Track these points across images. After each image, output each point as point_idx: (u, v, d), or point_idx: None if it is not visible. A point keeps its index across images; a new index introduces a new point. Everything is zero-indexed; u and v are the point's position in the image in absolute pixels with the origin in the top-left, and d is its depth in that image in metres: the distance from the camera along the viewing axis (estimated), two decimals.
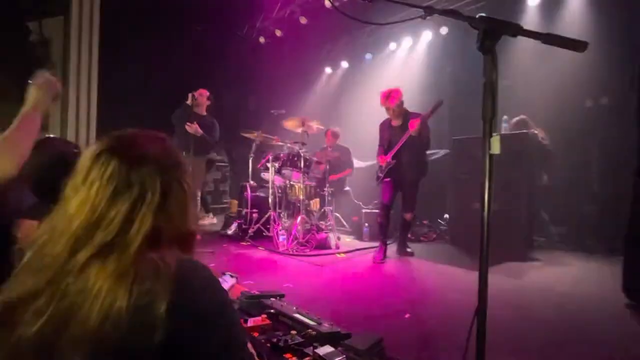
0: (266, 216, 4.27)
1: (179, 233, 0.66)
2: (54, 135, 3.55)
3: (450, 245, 4.07)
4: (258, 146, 4.64)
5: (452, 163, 4.13)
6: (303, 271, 3.07)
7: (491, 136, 0.84)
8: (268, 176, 4.31)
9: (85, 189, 0.61)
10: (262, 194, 4.57)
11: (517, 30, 0.87)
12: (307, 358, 1.22)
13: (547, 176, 4.05)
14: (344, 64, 7.06)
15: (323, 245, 3.85)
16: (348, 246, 4.04)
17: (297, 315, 1.50)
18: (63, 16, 3.83)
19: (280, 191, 4.41)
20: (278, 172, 4.27)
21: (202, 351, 0.58)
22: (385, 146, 3.55)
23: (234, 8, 5.62)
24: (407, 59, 6.10)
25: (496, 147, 0.84)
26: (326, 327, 1.41)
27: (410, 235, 3.73)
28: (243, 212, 4.50)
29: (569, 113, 4.14)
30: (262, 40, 6.44)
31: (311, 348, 1.27)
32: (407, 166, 3.40)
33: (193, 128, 4.01)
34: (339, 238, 4.20)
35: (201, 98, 4.24)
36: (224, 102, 5.02)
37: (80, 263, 0.56)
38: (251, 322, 1.46)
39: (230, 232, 4.40)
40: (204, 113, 4.34)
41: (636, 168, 2.17)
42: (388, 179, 3.46)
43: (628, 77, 2.41)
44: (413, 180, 3.47)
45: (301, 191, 4.06)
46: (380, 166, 3.54)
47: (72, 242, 0.58)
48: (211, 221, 5.22)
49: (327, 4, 4.89)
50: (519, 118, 4.00)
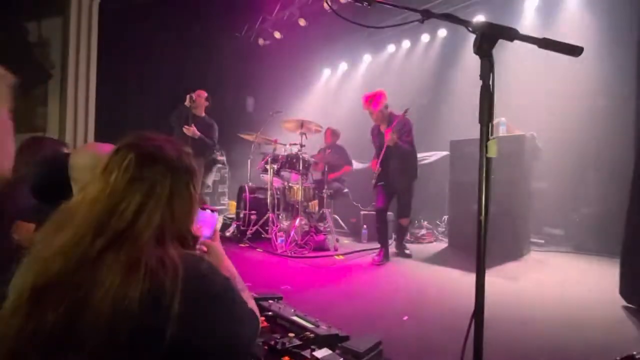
0: (265, 218, 4.27)
1: (181, 234, 0.69)
2: (50, 136, 3.54)
3: (448, 246, 4.07)
4: (256, 148, 4.64)
5: (450, 165, 4.15)
6: (301, 273, 3.06)
7: (488, 140, 0.85)
8: (266, 178, 4.31)
9: (104, 178, 0.66)
10: (261, 196, 4.57)
11: (514, 34, 0.88)
12: None
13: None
14: (343, 66, 7.09)
15: (321, 247, 3.85)
16: (346, 248, 4.03)
17: (295, 317, 1.50)
18: (61, 17, 3.84)
19: (278, 193, 4.41)
20: (277, 174, 4.27)
21: (210, 340, 0.62)
22: (377, 151, 3.58)
23: (233, 10, 5.64)
24: (406, 61, 6.12)
25: (493, 151, 0.84)
26: (324, 330, 1.41)
27: (408, 236, 3.73)
28: (241, 214, 4.50)
29: (567, 114, 4.16)
30: (261, 41, 6.46)
31: (309, 351, 1.27)
32: (395, 172, 3.41)
33: (191, 131, 4.00)
34: (338, 240, 4.19)
35: (199, 99, 4.23)
36: (223, 104, 5.02)
37: (95, 251, 0.59)
38: None
39: (228, 234, 4.40)
40: (203, 114, 4.32)
41: (634, 169, 2.18)
42: (381, 184, 3.48)
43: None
44: (404, 186, 3.47)
45: (300, 193, 4.06)
46: (373, 172, 3.57)
47: (93, 229, 0.61)
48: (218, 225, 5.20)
49: (326, 7, 4.90)
50: (497, 120, 3.91)
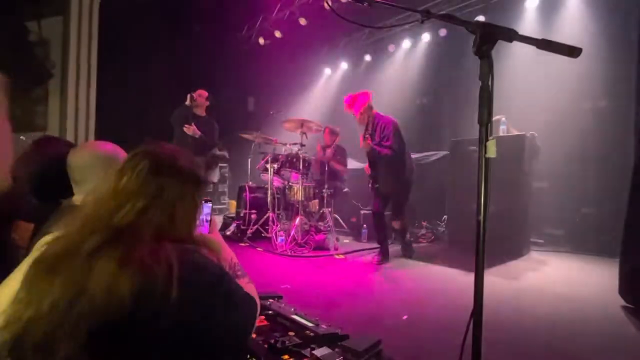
0: (265, 217, 4.27)
1: (181, 238, 0.72)
2: (52, 135, 3.55)
3: (448, 246, 4.08)
4: (257, 147, 4.64)
5: (451, 164, 4.15)
6: (301, 272, 3.07)
7: (487, 140, 0.85)
8: (267, 177, 4.32)
9: (116, 179, 0.70)
10: (261, 195, 4.57)
11: (513, 35, 0.88)
12: (305, 359, 1.23)
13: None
14: (344, 65, 7.08)
15: (321, 246, 3.86)
16: (346, 247, 4.04)
17: (295, 316, 1.50)
18: (62, 16, 3.84)
19: (279, 192, 4.41)
20: (277, 173, 4.28)
21: (207, 328, 0.65)
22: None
23: (234, 9, 5.64)
24: (406, 61, 6.12)
25: (492, 151, 0.84)
26: (324, 329, 1.41)
27: (408, 236, 3.71)
28: (242, 213, 4.51)
29: (568, 114, 4.16)
30: (262, 41, 6.45)
31: (309, 349, 1.27)
32: (383, 177, 3.36)
33: (191, 130, 4.01)
34: (338, 239, 4.20)
35: (200, 99, 4.23)
36: (223, 103, 5.01)
37: (95, 243, 0.62)
38: None
39: (228, 233, 4.40)
40: (203, 114, 4.33)
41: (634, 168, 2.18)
42: (376, 187, 3.45)
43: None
44: (393, 190, 3.39)
45: (300, 192, 4.07)
46: (367, 175, 3.56)
47: (96, 223, 0.65)
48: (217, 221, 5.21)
49: (326, 6, 4.90)
50: (497, 117, 3.88)
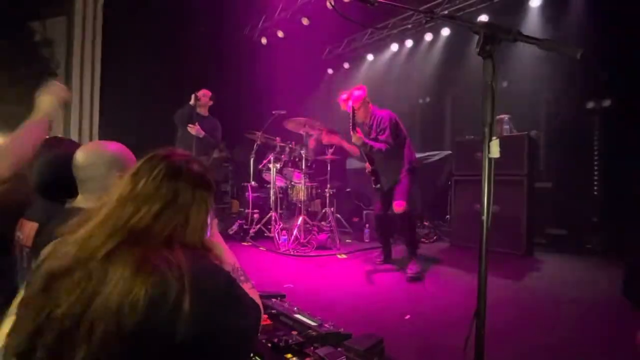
0: (267, 216, 4.29)
1: (192, 243, 0.73)
2: (58, 135, 3.57)
3: (450, 246, 4.07)
4: (260, 147, 4.65)
5: (454, 164, 4.14)
6: (304, 272, 3.07)
7: (491, 140, 0.85)
8: (269, 177, 4.33)
9: (133, 182, 0.71)
10: (264, 195, 4.58)
11: (516, 35, 0.88)
12: (308, 358, 1.23)
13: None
14: (346, 65, 7.08)
15: (324, 245, 3.86)
16: (349, 247, 4.04)
17: (298, 315, 1.51)
18: (66, 17, 3.87)
19: (281, 192, 4.42)
20: (279, 173, 4.29)
21: (218, 334, 0.65)
22: None
23: (236, 9, 5.64)
24: (409, 61, 6.11)
25: (495, 151, 0.84)
26: (327, 328, 1.42)
27: (415, 240, 3.18)
28: (244, 212, 4.52)
29: (571, 114, 4.13)
30: (264, 41, 6.46)
31: (312, 348, 1.28)
32: (382, 171, 3.14)
33: (195, 129, 4.02)
34: (340, 239, 4.21)
35: (204, 98, 4.25)
36: (226, 103, 5.03)
37: (110, 246, 0.62)
38: None
39: (231, 232, 4.42)
40: (207, 114, 4.34)
41: None
42: (377, 186, 3.18)
43: None
44: (394, 182, 3.07)
45: (302, 192, 4.07)
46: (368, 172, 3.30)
47: (112, 225, 0.65)
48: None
49: (329, 6, 4.90)
50: (500, 117, 3.80)
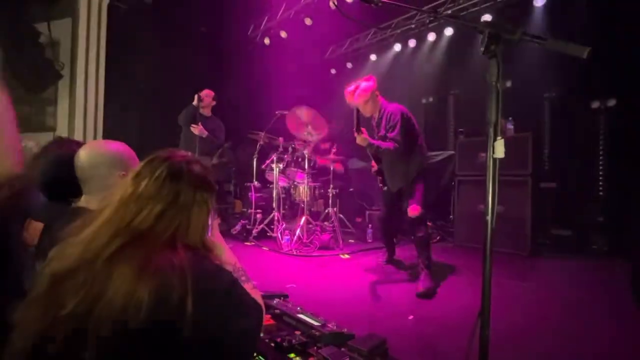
0: (270, 216, 4.29)
1: (194, 243, 0.73)
2: (63, 136, 3.60)
3: (454, 246, 4.06)
4: (262, 147, 4.66)
5: (457, 164, 4.13)
6: (307, 272, 3.08)
7: (495, 140, 0.85)
8: (272, 177, 4.33)
9: (135, 183, 0.71)
10: (266, 195, 4.58)
11: (521, 34, 0.88)
12: (311, 358, 1.23)
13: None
14: (349, 65, 7.07)
15: (327, 246, 3.86)
16: (352, 247, 4.04)
17: (301, 315, 1.51)
18: (71, 18, 3.90)
19: (284, 192, 4.42)
20: (282, 173, 4.29)
21: (221, 334, 0.67)
22: None
23: (239, 10, 5.65)
24: (412, 60, 6.09)
25: (500, 151, 0.84)
26: (330, 328, 1.42)
27: (426, 256, 2.68)
28: (247, 213, 4.53)
29: (575, 114, 4.11)
30: (267, 41, 6.47)
31: (315, 348, 1.28)
32: (389, 171, 2.88)
33: (198, 129, 4.04)
34: (343, 239, 4.20)
35: (207, 99, 4.27)
36: (229, 103, 5.04)
37: (114, 247, 0.63)
38: None
39: (234, 233, 4.43)
40: (210, 114, 4.36)
41: None
42: (384, 187, 2.97)
43: None
44: (401, 185, 2.81)
45: (305, 192, 4.08)
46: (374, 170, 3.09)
47: (116, 226, 0.66)
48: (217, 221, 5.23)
49: (332, 6, 4.90)
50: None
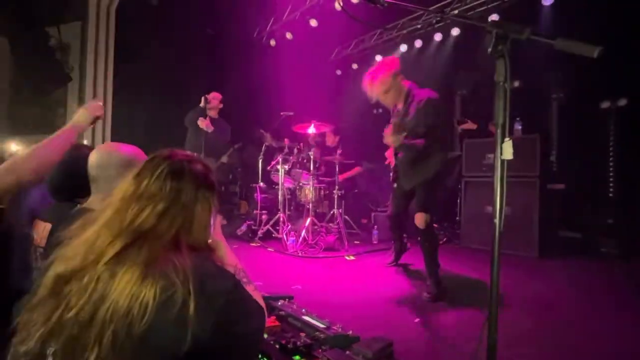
0: (275, 217, 4.29)
1: (197, 243, 0.73)
2: None
3: (461, 248, 4.02)
4: (268, 148, 4.67)
5: (464, 165, 4.09)
6: (312, 273, 3.07)
7: (503, 141, 0.84)
8: (278, 178, 4.34)
9: (136, 182, 0.70)
10: (272, 196, 4.59)
11: (530, 34, 0.86)
12: None
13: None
14: (354, 66, 7.06)
15: (332, 247, 3.85)
16: (357, 248, 4.02)
17: (306, 317, 1.51)
18: (80, 22, 3.96)
19: (289, 193, 4.43)
20: (288, 174, 4.29)
21: (225, 336, 0.65)
22: None
23: (245, 11, 5.69)
24: (418, 61, 6.06)
25: (508, 153, 0.83)
26: (335, 330, 1.41)
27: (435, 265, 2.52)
28: (253, 214, 4.54)
29: (583, 114, 4.05)
30: (273, 43, 6.49)
31: (320, 351, 1.28)
32: (405, 167, 2.63)
33: (205, 123, 4.08)
34: (348, 240, 4.19)
35: (214, 101, 4.31)
36: (235, 104, 5.07)
37: (118, 248, 0.63)
38: None
39: (240, 233, 4.45)
40: (216, 116, 4.41)
41: None
42: (395, 185, 2.80)
43: None
44: (414, 184, 2.60)
45: (310, 193, 4.07)
46: (389, 163, 2.91)
47: (118, 226, 0.65)
48: (222, 222, 5.26)
49: (337, 7, 4.90)
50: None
